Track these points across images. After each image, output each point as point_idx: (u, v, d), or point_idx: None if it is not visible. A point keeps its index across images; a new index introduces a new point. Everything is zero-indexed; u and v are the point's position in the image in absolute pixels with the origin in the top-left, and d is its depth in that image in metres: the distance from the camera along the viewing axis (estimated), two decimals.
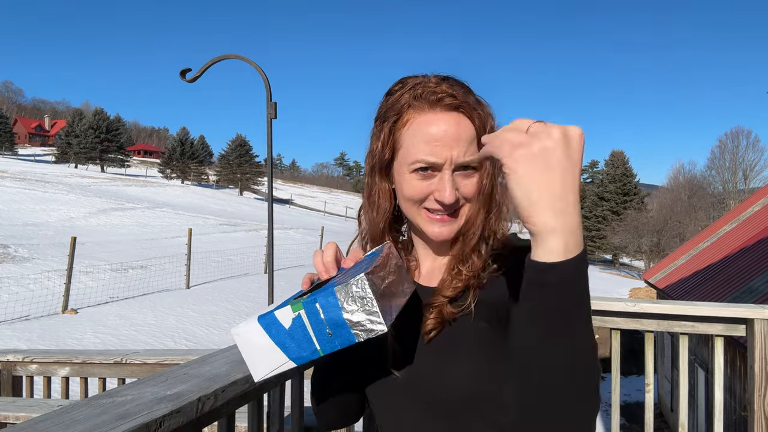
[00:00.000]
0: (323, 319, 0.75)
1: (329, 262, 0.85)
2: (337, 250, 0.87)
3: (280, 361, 0.78)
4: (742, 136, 51.93)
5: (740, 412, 7.67)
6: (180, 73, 4.21)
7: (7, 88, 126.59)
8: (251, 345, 0.79)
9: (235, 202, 45.88)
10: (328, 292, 0.75)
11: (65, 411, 1.03)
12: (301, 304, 0.76)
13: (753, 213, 13.39)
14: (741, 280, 9.77)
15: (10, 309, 9.38)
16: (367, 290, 0.74)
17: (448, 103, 0.88)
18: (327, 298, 0.74)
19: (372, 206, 0.98)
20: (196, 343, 9.00)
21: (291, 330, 0.76)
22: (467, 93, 0.91)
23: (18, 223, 19.48)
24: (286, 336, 0.77)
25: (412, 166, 0.89)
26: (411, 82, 0.92)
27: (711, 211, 47.33)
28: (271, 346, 0.78)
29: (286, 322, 0.77)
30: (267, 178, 3.98)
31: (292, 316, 0.76)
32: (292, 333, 0.76)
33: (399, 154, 0.92)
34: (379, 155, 0.94)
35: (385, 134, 0.92)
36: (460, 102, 0.88)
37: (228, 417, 1.34)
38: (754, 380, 2.24)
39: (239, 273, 15.12)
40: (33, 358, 3.01)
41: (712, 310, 2.33)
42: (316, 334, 0.75)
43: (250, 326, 0.78)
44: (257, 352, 0.79)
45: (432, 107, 0.89)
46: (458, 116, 0.88)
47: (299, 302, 0.76)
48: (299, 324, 0.76)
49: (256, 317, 0.79)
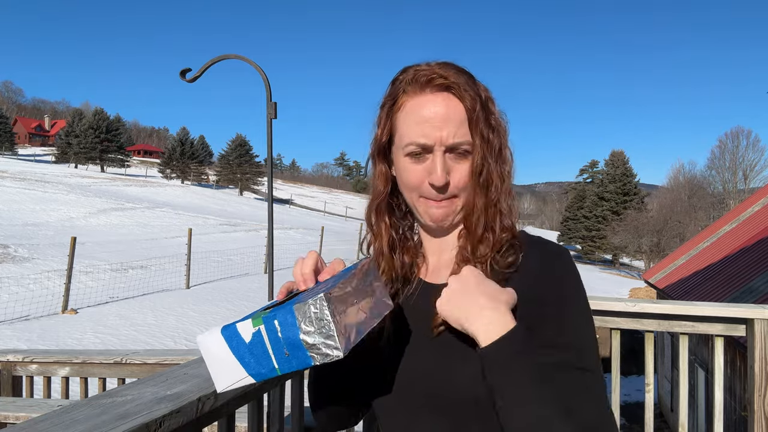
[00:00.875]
0: (280, 337, 0.70)
1: (307, 273, 0.84)
2: (317, 260, 0.87)
3: (239, 375, 0.74)
4: (742, 136, 51.99)
5: (740, 412, 7.67)
6: (180, 73, 4.21)
7: (7, 88, 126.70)
8: (213, 355, 0.75)
9: (235, 202, 45.86)
10: (287, 309, 0.70)
11: (65, 411, 1.03)
12: (261, 319, 0.71)
13: (753, 213, 13.38)
14: (741, 280, 9.76)
15: (10, 309, 9.38)
16: (325, 312, 0.69)
17: (437, 84, 0.88)
18: (285, 316, 0.70)
19: (369, 189, 1.00)
20: (196, 343, 8.99)
21: (251, 345, 0.72)
22: (459, 73, 0.89)
23: (18, 223, 19.47)
24: (246, 350, 0.73)
25: (405, 150, 0.90)
26: (412, 68, 0.92)
27: (711, 211, 47.32)
28: (231, 359, 0.74)
29: (246, 336, 0.72)
30: (267, 178, 3.97)
31: (252, 330, 0.72)
32: (251, 348, 0.72)
33: (395, 139, 0.93)
34: (377, 139, 0.95)
35: (383, 119, 0.94)
36: (450, 83, 0.87)
37: (228, 417, 1.34)
38: (754, 380, 2.23)
39: (239, 273, 15.11)
40: (33, 358, 3.00)
41: (712, 310, 2.33)
42: (275, 352, 0.71)
43: (213, 336, 0.74)
44: (218, 363, 0.75)
45: (422, 89, 0.89)
46: (448, 96, 0.88)
47: (260, 317, 0.72)
48: (259, 340, 0.72)
49: (220, 327, 0.74)
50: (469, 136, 0.88)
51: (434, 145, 0.87)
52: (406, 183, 0.92)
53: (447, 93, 0.88)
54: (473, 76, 0.92)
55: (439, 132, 0.86)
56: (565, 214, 59.93)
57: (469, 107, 0.87)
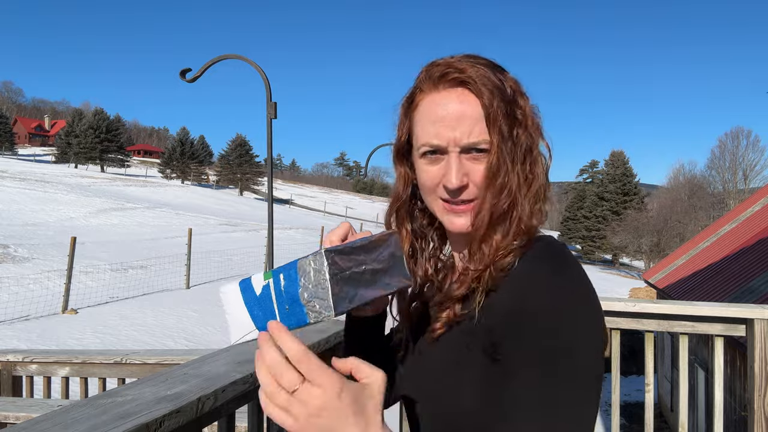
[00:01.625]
0: (283, 291, 0.69)
1: (334, 240, 0.82)
2: (349, 231, 0.83)
3: (249, 328, 0.73)
4: (742, 136, 52.05)
5: (740, 412, 7.67)
6: (180, 73, 4.21)
7: (7, 88, 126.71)
8: (230, 307, 0.76)
9: (235, 202, 45.87)
10: (291, 264, 0.69)
11: (65, 411, 1.03)
12: (271, 273, 0.71)
13: (753, 213, 13.38)
14: (741, 280, 9.76)
15: (10, 309, 9.38)
16: (323, 267, 0.67)
17: (451, 79, 0.81)
18: (289, 271, 0.69)
19: (391, 193, 0.95)
20: (196, 343, 8.99)
21: (260, 298, 0.72)
22: (477, 65, 0.81)
23: (18, 223, 19.47)
24: (256, 304, 0.73)
25: (420, 150, 0.85)
26: (430, 63, 0.86)
27: (711, 211, 47.32)
28: (244, 311, 0.74)
29: (257, 289, 0.72)
30: (267, 178, 3.98)
31: (262, 283, 0.72)
32: (261, 301, 0.72)
33: (413, 140, 0.88)
34: (397, 140, 0.91)
35: (401, 119, 0.90)
36: (465, 77, 0.80)
37: (228, 417, 1.34)
38: (754, 380, 2.23)
39: (239, 273, 15.10)
40: (33, 358, 3.00)
41: (712, 310, 2.33)
42: (278, 307, 0.70)
43: (231, 287, 0.75)
44: (234, 315, 0.75)
45: (436, 86, 0.83)
46: (463, 92, 0.81)
47: (271, 271, 0.71)
48: (267, 294, 0.71)
49: (240, 279, 0.76)
50: (487, 135, 0.80)
51: (448, 146, 0.81)
52: (423, 185, 0.87)
53: (462, 89, 0.81)
54: (499, 67, 0.84)
55: (452, 132, 0.80)
56: (565, 214, 59.92)
57: (486, 103, 0.79)
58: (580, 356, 0.71)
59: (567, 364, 0.69)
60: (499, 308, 0.75)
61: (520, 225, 0.80)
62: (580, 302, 0.73)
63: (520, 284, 0.75)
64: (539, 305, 0.72)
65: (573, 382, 0.70)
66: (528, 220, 0.80)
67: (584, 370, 0.71)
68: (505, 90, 0.81)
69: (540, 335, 0.70)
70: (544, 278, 0.74)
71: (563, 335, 0.70)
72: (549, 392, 0.69)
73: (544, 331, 0.70)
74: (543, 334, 0.70)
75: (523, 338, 0.71)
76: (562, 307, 0.71)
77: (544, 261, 0.77)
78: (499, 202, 0.80)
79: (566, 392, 0.69)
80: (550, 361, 0.69)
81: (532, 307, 0.72)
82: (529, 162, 0.82)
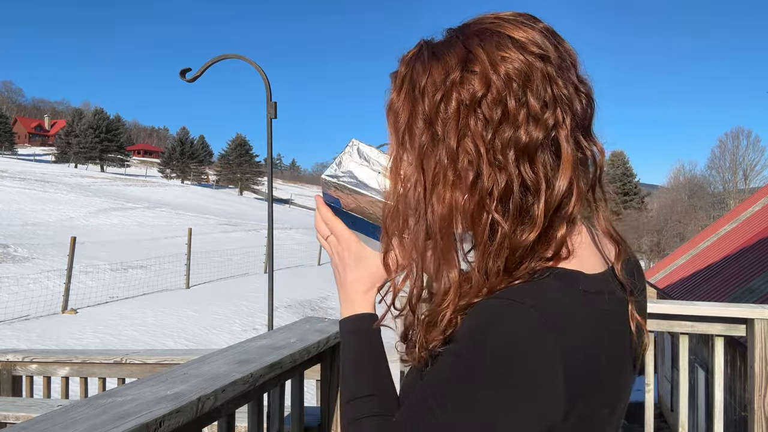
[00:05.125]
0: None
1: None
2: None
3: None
4: (742, 136, 51.98)
5: (740, 412, 7.67)
6: (180, 73, 4.21)
7: (7, 88, 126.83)
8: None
9: (235, 202, 45.89)
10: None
11: (65, 411, 1.03)
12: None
13: (753, 213, 13.39)
14: (741, 280, 9.77)
15: (10, 309, 9.37)
16: (354, 152, 0.81)
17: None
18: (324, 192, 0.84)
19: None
20: (196, 343, 9.00)
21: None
22: (412, 58, 0.70)
23: (18, 223, 19.47)
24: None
25: None
26: None
27: (711, 211, 47.32)
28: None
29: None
30: (267, 178, 3.97)
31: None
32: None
33: None
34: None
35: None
36: (392, 75, 0.73)
37: (228, 417, 1.34)
38: (754, 380, 2.23)
39: (239, 273, 15.11)
40: (33, 358, 3.00)
41: (712, 310, 2.33)
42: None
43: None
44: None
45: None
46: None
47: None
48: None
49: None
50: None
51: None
52: None
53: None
54: (428, 50, 0.68)
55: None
56: None
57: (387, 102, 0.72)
58: (485, 376, 0.57)
59: (467, 375, 0.59)
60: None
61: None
62: (525, 328, 0.58)
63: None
64: (474, 324, 0.61)
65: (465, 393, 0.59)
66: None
67: (484, 390, 0.58)
68: (415, 81, 0.76)
69: (464, 339, 0.61)
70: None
71: (479, 349, 0.58)
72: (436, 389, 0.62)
73: (469, 337, 0.61)
74: (467, 338, 0.61)
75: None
76: (497, 325, 0.59)
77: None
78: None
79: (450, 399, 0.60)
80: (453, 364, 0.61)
81: (469, 327, 0.62)
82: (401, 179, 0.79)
